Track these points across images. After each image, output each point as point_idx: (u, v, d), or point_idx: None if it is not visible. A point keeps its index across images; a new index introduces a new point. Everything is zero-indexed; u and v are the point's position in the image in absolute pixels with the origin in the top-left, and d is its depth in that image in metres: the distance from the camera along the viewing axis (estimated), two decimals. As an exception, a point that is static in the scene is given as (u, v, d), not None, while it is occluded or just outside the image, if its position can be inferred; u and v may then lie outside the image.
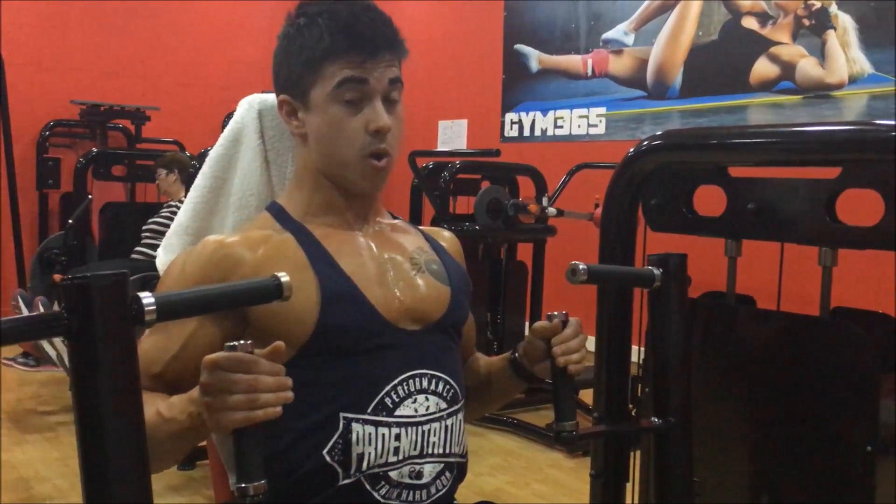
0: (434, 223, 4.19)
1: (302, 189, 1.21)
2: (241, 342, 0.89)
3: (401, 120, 1.17)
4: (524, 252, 4.46)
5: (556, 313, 1.16)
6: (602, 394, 1.53)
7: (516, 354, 1.24)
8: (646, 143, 1.52)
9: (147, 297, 0.81)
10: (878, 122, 1.21)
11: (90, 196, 4.60)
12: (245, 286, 0.94)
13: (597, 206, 4.20)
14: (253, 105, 1.30)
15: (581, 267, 1.15)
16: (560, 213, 4.06)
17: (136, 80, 6.70)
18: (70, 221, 4.54)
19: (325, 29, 1.11)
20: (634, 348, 1.55)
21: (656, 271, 1.24)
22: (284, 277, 0.92)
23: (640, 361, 1.53)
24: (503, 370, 1.27)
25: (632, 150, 1.55)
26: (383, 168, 1.15)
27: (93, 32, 6.55)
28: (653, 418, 1.24)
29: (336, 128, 1.13)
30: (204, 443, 1.17)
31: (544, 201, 4.14)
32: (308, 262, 1.12)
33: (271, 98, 1.29)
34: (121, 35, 6.66)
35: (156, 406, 0.98)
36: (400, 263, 1.19)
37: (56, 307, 3.37)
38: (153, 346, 1.10)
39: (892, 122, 1.17)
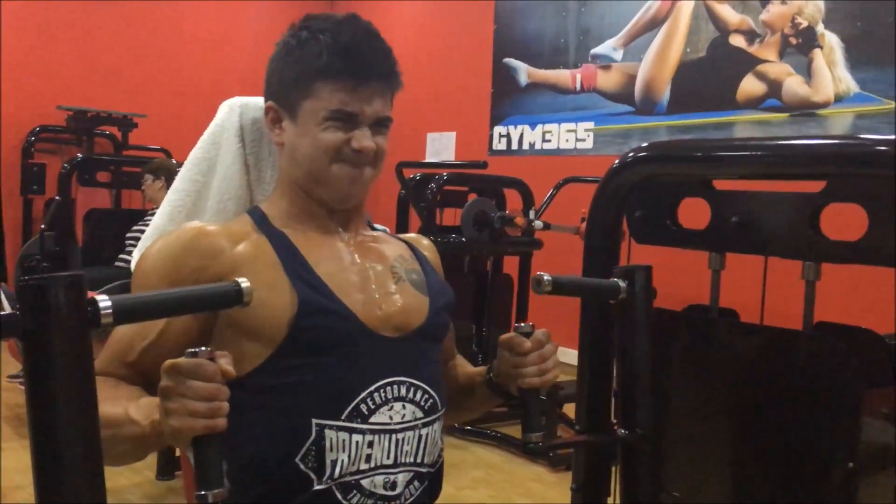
0: (420, 234, 4.18)
1: (283, 196, 1.21)
2: (203, 349, 0.88)
3: (384, 145, 1.17)
4: (510, 265, 4.45)
5: (522, 325, 1.16)
6: (584, 407, 1.51)
7: (491, 374, 1.23)
8: (631, 154, 1.51)
9: (104, 301, 0.80)
10: (862, 136, 1.21)
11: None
12: (205, 290, 0.93)
13: (583, 219, 4.16)
14: (234, 108, 1.28)
15: (546, 278, 1.16)
16: (546, 226, 4.06)
17: (124, 86, 6.67)
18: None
19: (324, 47, 1.11)
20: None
21: (621, 283, 1.25)
22: (245, 283, 0.91)
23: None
24: (480, 385, 1.26)
25: (617, 161, 1.54)
26: (357, 176, 1.15)
27: (81, 38, 6.53)
28: (621, 430, 1.24)
29: (315, 143, 1.13)
30: (179, 453, 1.16)
31: (531, 214, 4.13)
32: (282, 265, 1.11)
33: (252, 101, 1.29)
34: (109, 42, 6.64)
35: (125, 406, 0.98)
36: (381, 272, 1.19)
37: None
38: (129, 331, 1.09)
39: (877, 137, 1.17)
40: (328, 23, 1.14)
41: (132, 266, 1.19)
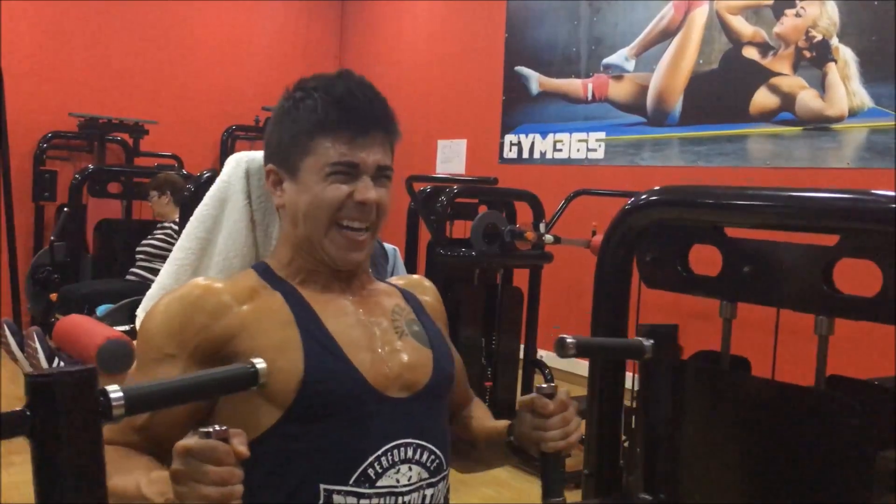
0: (430, 248, 4.16)
1: (286, 254, 1.19)
2: (216, 429, 0.86)
3: (387, 199, 1.15)
4: (520, 277, 4.43)
5: (544, 385, 1.12)
6: (593, 451, 1.50)
7: (512, 437, 1.21)
8: (643, 197, 1.50)
9: (115, 392, 0.78)
10: (876, 192, 1.19)
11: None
12: (219, 374, 0.92)
13: (594, 233, 4.17)
14: (240, 163, 1.28)
15: (569, 341, 1.12)
16: (557, 240, 4.04)
17: (136, 93, 6.68)
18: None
19: (319, 102, 1.11)
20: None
21: (646, 342, 1.21)
22: (261, 364, 0.91)
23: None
24: (498, 445, 1.24)
25: (628, 203, 1.53)
26: (360, 242, 1.14)
27: (93, 45, 6.54)
28: (642, 494, 1.21)
29: (317, 199, 1.12)
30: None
31: (541, 227, 4.11)
32: (294, 321, 1.10)
33: (259, 155, 1.28)
34: (121, 48, 6.65)
35: (136, 478, 0.97)
36: (385, 328, 1.18)
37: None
38: None
39: (891, 193, 1.15)
40: (321, 80, 1.14)
41: (137, 323, 1.18)
